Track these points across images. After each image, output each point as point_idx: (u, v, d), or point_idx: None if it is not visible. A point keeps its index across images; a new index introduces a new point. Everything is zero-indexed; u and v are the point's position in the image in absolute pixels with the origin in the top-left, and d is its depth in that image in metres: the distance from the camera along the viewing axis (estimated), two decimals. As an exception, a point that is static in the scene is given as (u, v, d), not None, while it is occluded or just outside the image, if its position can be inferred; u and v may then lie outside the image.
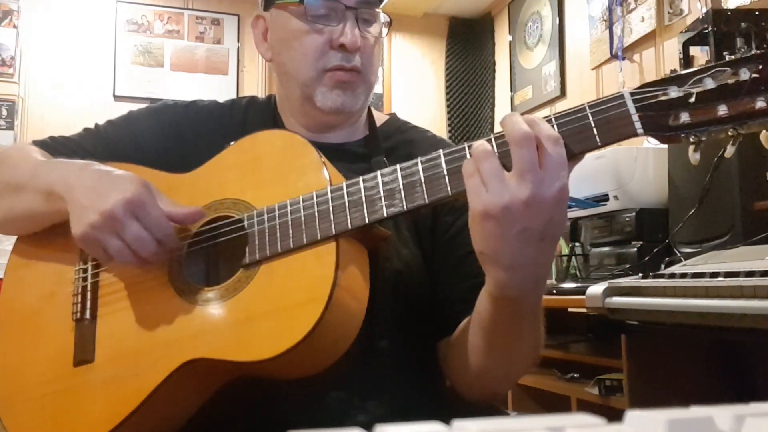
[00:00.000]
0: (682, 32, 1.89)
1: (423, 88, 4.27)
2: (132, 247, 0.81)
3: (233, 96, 3.70)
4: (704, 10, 2.19)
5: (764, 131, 0.69)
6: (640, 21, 2.87)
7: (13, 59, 3.58)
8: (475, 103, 4.19)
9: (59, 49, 3.66)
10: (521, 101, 3.83)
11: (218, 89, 3.83)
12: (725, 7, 2.27)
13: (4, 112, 3.54)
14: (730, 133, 0.69)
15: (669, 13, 2.73)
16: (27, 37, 3.63)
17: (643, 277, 1.60)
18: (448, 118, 4.19)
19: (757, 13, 1.75)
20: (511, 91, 3.95)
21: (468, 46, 4.26)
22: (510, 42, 3.99)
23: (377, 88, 4.15)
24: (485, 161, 0.68)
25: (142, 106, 1.10)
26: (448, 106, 4.22)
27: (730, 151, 0.72)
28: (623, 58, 2.94)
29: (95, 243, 0.82)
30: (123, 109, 1.10)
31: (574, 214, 2.35)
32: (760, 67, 0.67)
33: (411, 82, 4.24)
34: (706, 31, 1.74)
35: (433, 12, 4.24)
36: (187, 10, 3.92)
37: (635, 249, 2.05)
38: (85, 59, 3.70)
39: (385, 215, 0.77)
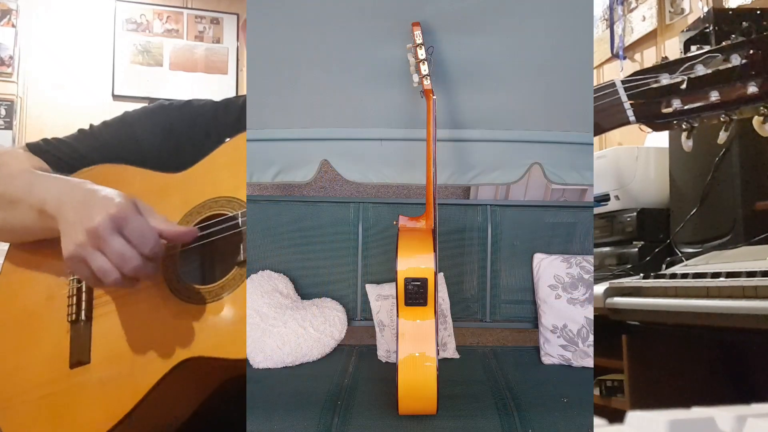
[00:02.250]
0: (683, 31, 1.88)
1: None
2: (114, 263, 0.78)
3: (232, 95, 3.70)
4: (705, 9, 2.19)
5: (756, 116, 0.68)
6: (641, 20, 2.87)
7: (11, 58, 3.58)
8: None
9: (58, 49, 3.66)
10: (522, 101, 3.82)
11: (217, 88, 3.82)
12: (726, 6, 2.26)
13: (3, 112, 3.53)
14: (722, 119, 0.69)
15: (670, 12, 2.72)
16: (26, 37, 3.62)
17: (644, 278, 1.59)
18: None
19: (758, 12, 1.75)
20: (511, 90, 3.94)
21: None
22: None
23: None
24: None
25: (135, 107, 1.09)
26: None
27: (722, 137, 0.72)
28: (624, 58, 2.93)
29: (82, 262, 0.80)
30: (122, 108, 1.10)
31: (574, 213, 2.35)
32: (751, 52, 0.66)
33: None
34: (708, 30, 1.74)
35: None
36: (186, 9, 3.92)
37: (636, 249, 2.04)
38: (83, 58, 3.70)
39: None
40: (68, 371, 0.87)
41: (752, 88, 0.66)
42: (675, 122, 0.69)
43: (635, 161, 2.15)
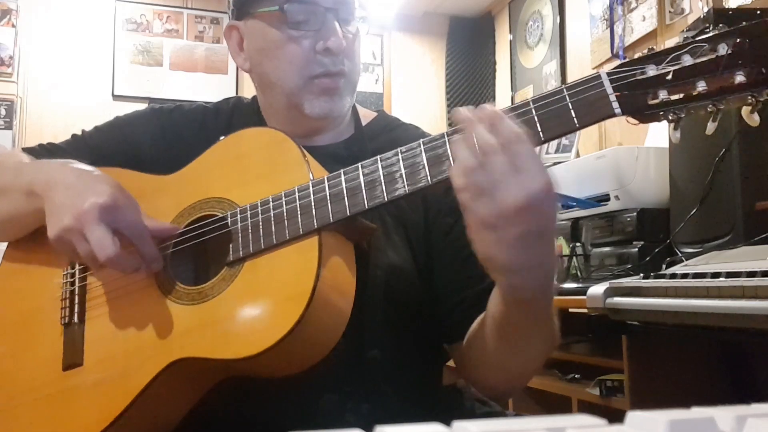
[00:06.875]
0: (683, 31, 1.88)
1: (423, 88, 4.26)
2: (94, 249, 0.78)
3: (232, 95, 3.70)
4: (705, 9, 2.19)
5: (744, 106, 0.68)
6: (641, 20, 2.87)
7: (11, 58, 3.58)
8: (476, 103, 4.14)
9: (58, 49, 3.66)
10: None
11: (217, 89, 3.82)
12: (726, 6, 2.26)
13: (3, 112, 3.53)
14: (709, 110, 0.68)
15: (670, 12, 2.72)
16: (26, 37, 3.62)
17: (644, 278, 1.59)
18: (449, 118, 4.19)
19: (758, 12, 1.75)
20: (511, 90, 3.94)
21: (468, 45, 4.25)
22: (510, 41, 3.98)
23: (377, 88, 4.15)
24: (471, 175, 0.66)
25: (135, 107, 1.11)
26: (448, 106, 4.21)
27: (710, 128, 0.71)
28: (624, 57, 2.93)
29: (68, 245, 0.81)
30: (122, 108, 1.10)
31: (575, 214, 2.34)
32: (738, 41, 0.66)
33: (411, 82, 4.23)
34: (708, 30, 1.74)
35: (433, 11, 4.23)
36: (186, 9, 3.92)
37: (636, 249, 2.04)
38: (83, 58, 3.70)
39: (366, 207, 0.77)
40: (62, 374, 0.87)
41: (739, 78, 0.65)
42: (662, 113, 0.68)
43: (635, 161, 2.15)
